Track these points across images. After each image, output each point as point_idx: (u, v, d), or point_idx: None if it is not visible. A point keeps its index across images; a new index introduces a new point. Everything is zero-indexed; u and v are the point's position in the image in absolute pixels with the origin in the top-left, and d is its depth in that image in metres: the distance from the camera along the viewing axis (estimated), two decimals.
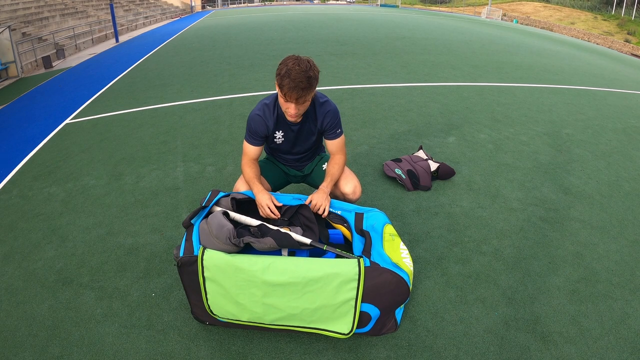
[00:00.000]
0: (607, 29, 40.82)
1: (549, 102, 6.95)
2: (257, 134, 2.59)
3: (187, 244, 2.06)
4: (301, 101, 2.32)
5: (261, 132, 2.59)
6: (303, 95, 2.28)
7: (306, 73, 2.24)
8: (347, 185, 2.70)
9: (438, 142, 4.86)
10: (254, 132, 2.59)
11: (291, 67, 2.23)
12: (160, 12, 34.03)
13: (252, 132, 2.59)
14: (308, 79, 2.25)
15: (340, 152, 2.68)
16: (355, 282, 1.92)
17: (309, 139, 2.71)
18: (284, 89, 2.26)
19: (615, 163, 4.55)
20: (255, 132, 2.59)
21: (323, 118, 2.58)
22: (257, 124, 2.57)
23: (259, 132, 2.59)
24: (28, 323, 2.35)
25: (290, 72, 2.23)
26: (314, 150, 2.89)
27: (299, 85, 2.23)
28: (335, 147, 2.67)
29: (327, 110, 2.57)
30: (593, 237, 3.17)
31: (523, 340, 2.23)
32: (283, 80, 2.25)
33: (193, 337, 2.21)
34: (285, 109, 2.40)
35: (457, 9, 53.10)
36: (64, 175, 4.23)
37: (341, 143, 2.68)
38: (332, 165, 2.66)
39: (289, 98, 2.29)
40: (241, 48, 12.29)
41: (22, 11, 17.46)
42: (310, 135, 2.69)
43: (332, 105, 2.60)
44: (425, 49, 12.03)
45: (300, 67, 2.24)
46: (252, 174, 2.54)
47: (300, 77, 2.23)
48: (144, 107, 6.55)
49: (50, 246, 3.05)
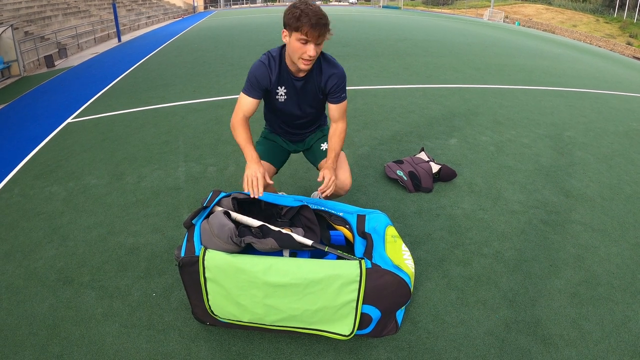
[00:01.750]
0: (609, 31, 40.81)
1: (551, 104, 6.94)
2: (258, 85, 2.44)
3: (188, 244, 2.05)
4: (321, 40, 2.22)
5: (263, 83, 2.44)
6: (324, 32, 2.20)
7: (321, 12, 2.18)
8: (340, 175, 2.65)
9: (440, 144, 4.86)
10: (255, 82, 2.43)
11: (304, 8, 2.15)
12: (163, 12, 34.08)
13: (253, 83, 2.44)
14: (325, 15, 2.19)
15: (342, 119, 2.60)
16: (356, 283, 1.92)
17: (313, 99, 2.59)
18: (304, 28, 2.15)
19: (617, 166, 4.55)
20: (256, 82, 2.43)
21: (328, 78, 2.47)
22: (260, 73, 2.42)
23: (261, 83, 2.44)
24: (28, 322, 2.34)
25: (306, 11, 2.14)
26: (316, 117, 2.78)
27: (319, 22, 2.15)
28: (338, 112, 2.57)
29: (334, 72, 2.47)
30: (594, 240, 3.16)
31: (524, 342, 2.22)
32: (301, 20, 2.14)
33: (193, 337, 2.21)
34: (301, 54, 2.25)
35: (459, 10, 53.13)
36: (66, 174, 4.24)
37: (344, 108, 2.58)
38: (333, 136, 2.60)
39: (311, 36, 2.17)
40: (244, 49, 12.30)
41: (24, 10, 17.50)
42: (314, 96, 2.56)
43: (340, 67, 2.50)
44: (427, 51, 12.03)
45: (313, 6, 2.17)
46: (245, 136, 2.42)
47: (319, 13, 2.16)
48: (146, 107, 6.56)
49: (51, 245, 3.05)
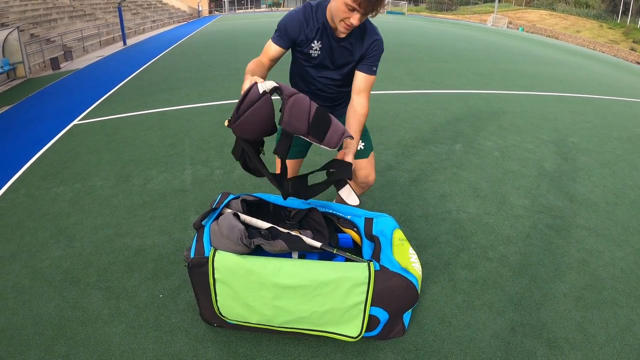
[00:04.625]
0: (613, 37, 40.79)
1: (555, 110, 6.96)
2: (287, 36, 2.21)
3: (197, 245, 2.06)
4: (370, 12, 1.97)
5: (293, 35, 2.20)
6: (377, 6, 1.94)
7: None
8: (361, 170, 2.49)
9: (445, 149, 4.87)
10: (284, 31, 2.20)
11: None
12: (168, 16, 34.21)
13: (282, 31, 2.20)
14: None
15: (365, 92, 2.27)
16: (365, 285, 1.93)
17: (348, 60, 2.30)
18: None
19: (621, 171, 4.55)
20: (285, 31, 2.20)
21: (370, 44, 2.22)
22: (292, 23, 2.18)
23: (292, 34, 2.20)
24: (34, 322, 2.36)
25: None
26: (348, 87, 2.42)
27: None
28: (365, 84, 2.27)
29: (376, 39, 2.23)
30: (599, 245, 3.17)
31: (529, 345, 2.23)
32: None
33: (201, 339, 2.22)
34: (343, 17, 2.00)
35: (463, 16, 53.19)
36: (72, 175, 4.26)
37: (371, 82, 2.30)
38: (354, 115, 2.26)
39: (363, 7, 1.91)
40: (249, 53, 12.33)
41: (30, 12, 17.59)
42: (351, 57, 2.28)
43: (381, 38, 2.26)
44: (431, 56, 12.06)
45: None
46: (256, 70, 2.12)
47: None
48: (151, 110, 6.59)
49: (57, 246, 3.07)
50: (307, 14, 2.19)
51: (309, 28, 2.19)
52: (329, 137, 1.82)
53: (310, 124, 1.80)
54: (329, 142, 1.82)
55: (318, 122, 1.81)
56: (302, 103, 1.81)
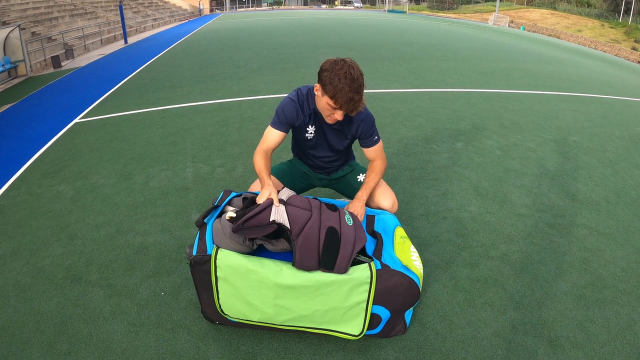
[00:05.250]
0: (614, 36, 40.69)
1: (556, 109, 6.95)
2: (286, 121, 2.43)
3: (200, 242, 2.07)
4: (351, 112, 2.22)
5: (291, 120, 2.44)
6: (356, 107, 2.20)
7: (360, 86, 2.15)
8: (386, 200, 2.60)
9: (446, 148, 4.87)
10: (283, 117, 2.42)
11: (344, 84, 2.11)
12: (169, 14, 34.18)
13: (281, 118, 2.42)
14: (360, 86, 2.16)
15: (379, 158, 2.58)
16: (367, 285, 1.94)
17: (342, 140, 2.58)
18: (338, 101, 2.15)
19: (622, 170, 4.55)
20: (284, 118, 2.42)
21: (359, 124, 2.47)
22: (289, 110, 2.41)
23: (290, 119, 2.43)
24: (36, 319, 2.36)
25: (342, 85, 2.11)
26: (344, 155, 2.76)
27: (354, 98, 2.14)
28: (374, 154, 2.58)
29: (363, 118, 2.46)
30: (600, 244, 3.17)
31: (530, 344, 2.23)
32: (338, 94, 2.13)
33: (202, 337, 2.22)
34: (329, 114, 2.28)
35: (465, 15, 53.08)
36: (73, 173, 4.26)
37: (380, 149, 2.58)
38: (371, 174, 2.56)
39: (343, 109, 2.20)
40: (250, 51, 12.35)
41: (31, 11, 17.59)
42: (343, 137, 2.56)
43: (368, 111, 2.48)
44: (432, 55, 12.05)
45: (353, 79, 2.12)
46: (263, 164, 2.36)
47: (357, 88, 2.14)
48: (153, 108, 6.59)
49: (59, 243, 3.07)
50: (301, 100, 2.44)
51: (303, 114, 2.45)
52: (338, 263, 1.95)
53: (321, 258, 1.95)
54: (339, 268, 1.95)
55: (327, 254, 1.96)
56: (311, 238, 1.97)
